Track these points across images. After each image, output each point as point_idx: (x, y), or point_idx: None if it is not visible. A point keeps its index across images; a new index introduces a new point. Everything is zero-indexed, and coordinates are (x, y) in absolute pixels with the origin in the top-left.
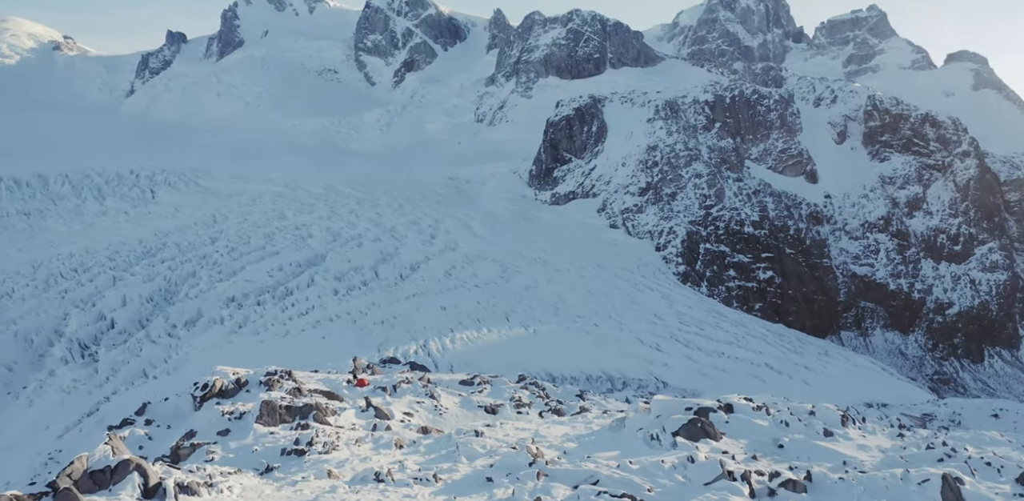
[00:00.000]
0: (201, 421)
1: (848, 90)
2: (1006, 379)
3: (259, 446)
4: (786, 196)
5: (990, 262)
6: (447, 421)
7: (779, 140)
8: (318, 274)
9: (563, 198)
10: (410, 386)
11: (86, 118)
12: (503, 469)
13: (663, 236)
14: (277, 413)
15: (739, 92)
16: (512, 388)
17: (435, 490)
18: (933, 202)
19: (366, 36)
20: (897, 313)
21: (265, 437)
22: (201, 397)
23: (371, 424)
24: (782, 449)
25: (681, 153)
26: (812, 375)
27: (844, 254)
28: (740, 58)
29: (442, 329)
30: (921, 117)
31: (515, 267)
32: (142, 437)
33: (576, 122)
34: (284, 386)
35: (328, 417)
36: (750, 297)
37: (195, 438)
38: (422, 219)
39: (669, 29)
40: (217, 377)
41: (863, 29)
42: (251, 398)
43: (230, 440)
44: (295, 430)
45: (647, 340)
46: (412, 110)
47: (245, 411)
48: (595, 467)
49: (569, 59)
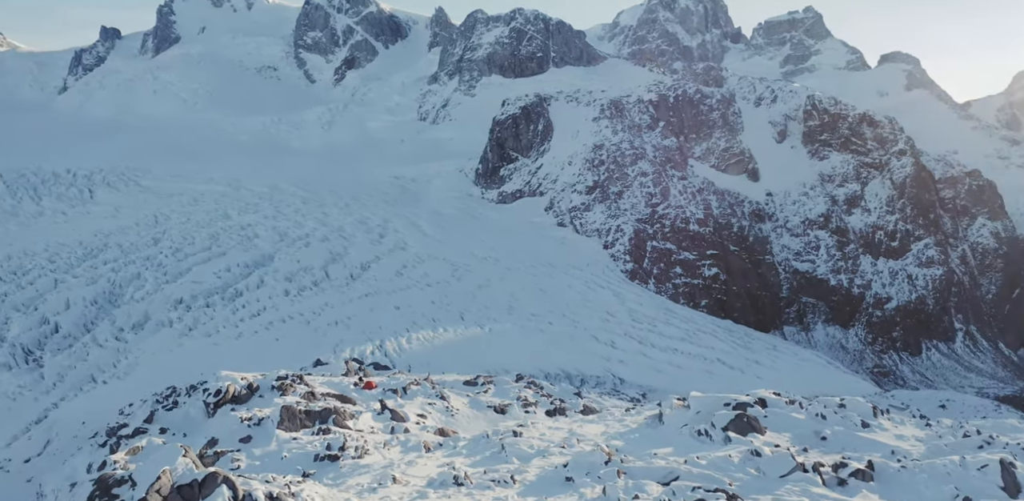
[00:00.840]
0: (219, 428)
1: (788, 90)
2: (943, 371)
3: (287, 452)
4: (729, 194)
5: (926, 258)
6: (459, 422)
7: (721, 139)
8: (267, 275)
9: (510, 197)
10: (419, 388)
11: (17, 116)
12: (580, 468)
13: (611, 234)
14: (297, 418)
15: (682, 92)
16: (515, 387)
17: (519, 491)
18: (871, 199)
19: (306, 33)
20: (838, 308)
21: (288, 443)
22: (215, 403)
23: (389, 427)
24: (825, 441)
25: (627, 152)
26: (763, 369)
27: (786, 251)
28: (680, 58)
29: (397, 329)
30: (859, 116)
31: (466, 266)
32: (159, 446)
33: (522, 121)
34: (297, 390)
35: (347, 421)
36: (696, 294)
37: (217, 446)
38: (370, 218)
39: (610, 29)
40: (229, 383)
41: (799, 30)
42: (265, 403)
43: (253, 447)
44: (317, 435)
45: (602, 337)
46: (354, 108)
47: (263, 417)
48: (666, 464)
49: (512, 58)
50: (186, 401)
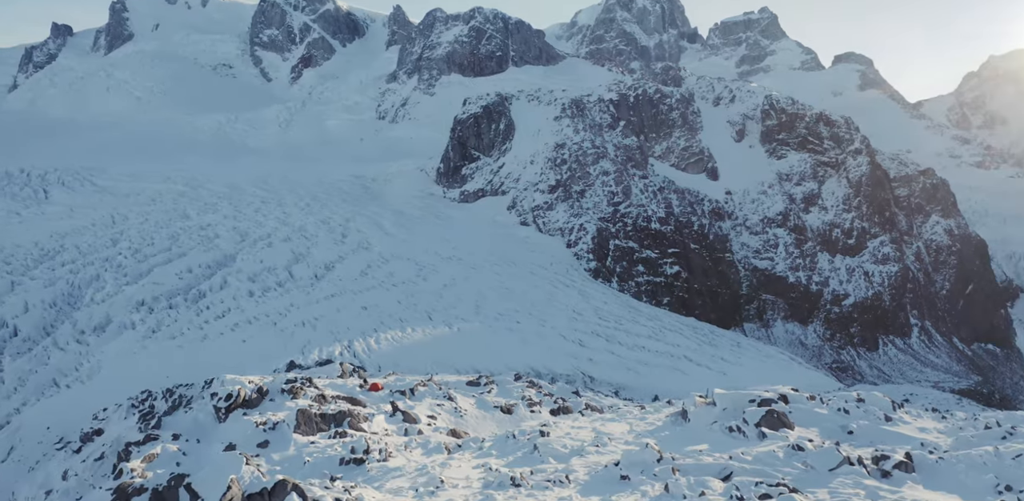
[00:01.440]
0: (233, 433)
1: (746, 90)
2: (899, 366)
3: (308, 457)
4: (689, 193)
5: (882, 255)
6: (468, 423)
7: (681, 138)
8: (230, 275)
9: (472, 196)
10: (427, 389)
11: None
12: (634, 466)
13: (574, 233)
14: (313, 422)
15: (642, 91)
16: (518, 387)
17: (578, 490)
18: (828, 198)
19: (262, 31)
20: (796, 305)
21: (307, 447)
22: (226, 408)
23: (402, 429)
24: (852, 435)
25: (588, 151)
26: (728, 366)
27: (745, 249)
28: (637, 57)
29: (365, 329)
30: (815, 116)
31: (431, 266)
32: (175, 453)
33: (484, 120)
34: (308, 394)
35: (361, 423)
36: (658, 292)
37: (235, 451)
38: (331, 218)
39: (567, 28)
40: (239, 386)
41: (755, 30)
42: (276, 407)
43: (272, 452)
44: (334, 438)
45: (570, 336)
46: (312, 107)
47: (278, 421)
48: (712, 460)
49: (472, 57)
50: (193, 406)
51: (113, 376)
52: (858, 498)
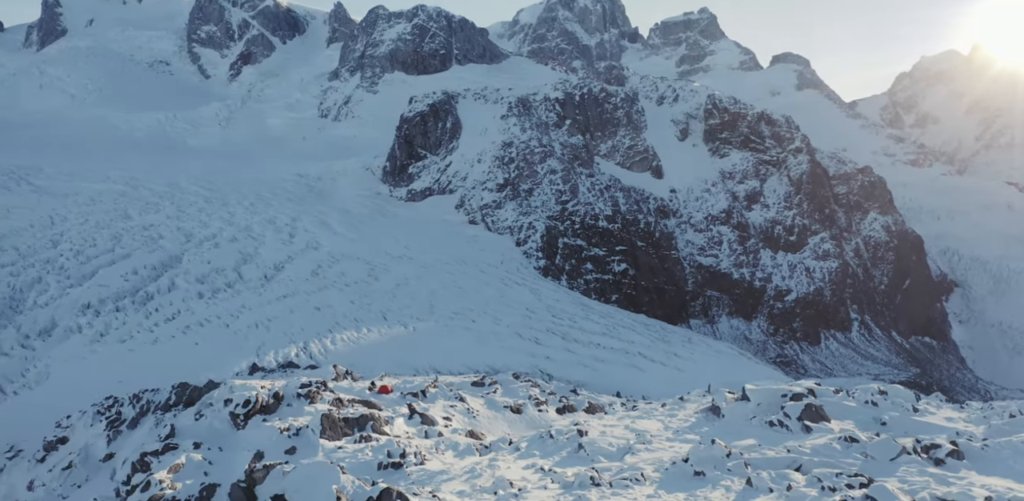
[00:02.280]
0: (257, 440)
1: (689, 89)
2: (841, 359)
3: (342, 462)
4: (635, 191)
5: (822, 251)
6: (482, 424)
7: (626, 137)
8: (178, 277)
9: (419, 194)
10: (437, 390)
11: None
12: (705, 462)
13: (523, 231)
14: (337, 426)
15: (587, 90)
16: (522, 386)
17: (660, 487)
18: (769, 195)
19: (200, 27)
20: (741, 301)
21: (335, 452)
22: (244, 415)
23: (422, 431)
24: (886, 426)
25: (536, 150)
26: (683, 362)
27: (690, 246)
28: (579, 56)
29: (320, 330)
30: (757, 115)
31: (382, 265)
32: (201, 462)
33: (430, 118)
34: (325, 398)
35: (383, 427)
36: (607, 289)
37: (265, 459)
38: (277, 217)
39: (510, 27)
40: (255, 392)
41: (695, 31)
42: (295, 412)
43: (300, 458)
44: (360, 442)
45: (525, 334)
46: (252, 104)
47: (301, 426)
48: (775, 454)
49: (415, 55)
50: (205, 413)
51: (63, 381)
52: (929, 486)
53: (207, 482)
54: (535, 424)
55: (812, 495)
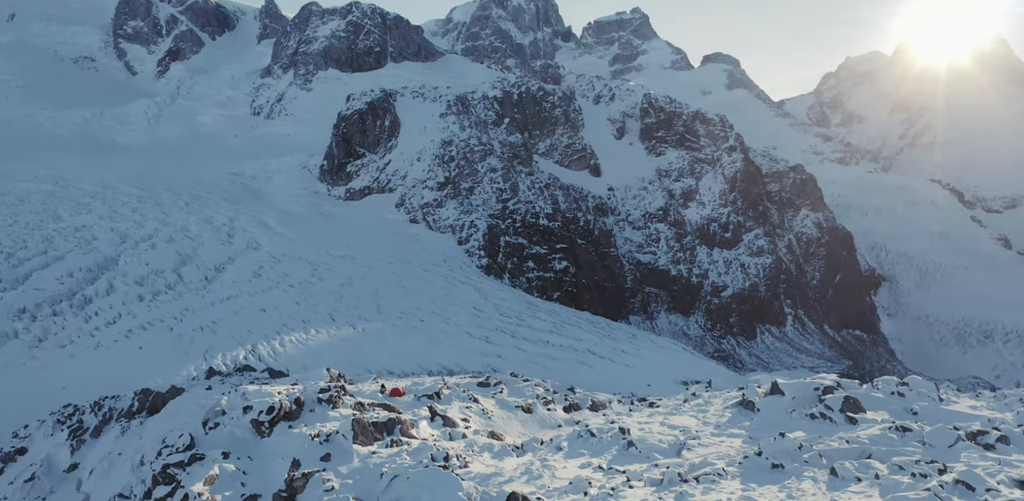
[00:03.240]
0: (287, 448)
1: (625, 89)
2: (776, 353)
3: (385, 467)
4: (574, 189)
5: (757, 247)
6: (497, 424)
7: (564, 136)
8: (116, 279)
9: (358, 193)
10: (451, 392)
11: None
12: (779, 455)
13: (464, 230)
14: (368, 431)
15: (525, 89)
16: (527, 386)
17: (746, 480)
18: (705, 193)
19: (126, 22)
20: (679, 297)
21: (370, 458)
22: (269, 422)
23: (447, 433)
24: (917, 416)
25: (475, 148)
26: (631, 358)
27: (629, 243)
28: (513, 55)
29: (268, 332)
30: (692, 114)
31: (325, 265)
32: (236, 473)
33: (369, 116)
34: (346, 402)
35: (410, 430)
36: (548, 287)
37: (302, 467)
38: (214, 217)
39: (443, 24)
40: (276, 398)
41: (627, 30)
42: (319, 418)
43: (337, 465)
44: (392, 447)
45: (475, 333)
46: (182, 102)
47: (331, 432)
48: (839, 445)
49: (350, 52)
50: (222, 421)
51: (3, 389)
52: (1001, 469)
53: (246, 493)
54: (546, 423)
55: (906, 482)
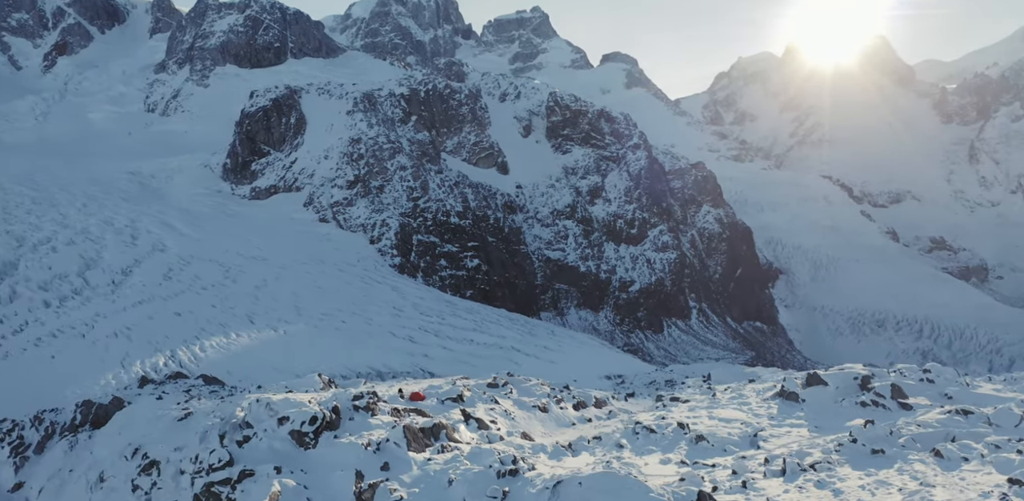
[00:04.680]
0: (337, 458)
1: (530, 87)
2: (683, 346)
3: (453, 474)
4: (482, 187)
5: (661, 243)
6: (521, 424)
7: (471, 133)
8: (18, 284)
9: (264, 192)
10: (471, 394)
11: None
12: (875, 441)
13: (376, 229)
14: (418, 437)
15: (432, 86)
16: (534, 385)
17: (856, 467)
18: (611, 190)
19: (9, 14)
20: (588, 293)
21: (426, 465)
22: (314, 432)
23: (485, 436)
24: (951, 399)
25: (384, 146)
26: (554, 354)
27: (538, 240)
28: (413, 52)
29: (186, 337)
30: (597, 113)
31: (237, 267)
32: (297, 488)
33: (273, 113)
34: (383, 408)
35: (453, 434)
36: (461, 285)
37: (366, 479)
38: (115, 218)
39: (342, 20)
40: (318, 407)
41: (527, 29)
42: (361, 426)
43: (398, 474)
44: (442, 452)
45: (399, 333)
46: (71, 98)
47: (381, 440)
48: (919, 430)
49: (248, 47)
50: (257, 433)
51: None
52: None
53: None
54: (562, 421)
55: (1016, 459)
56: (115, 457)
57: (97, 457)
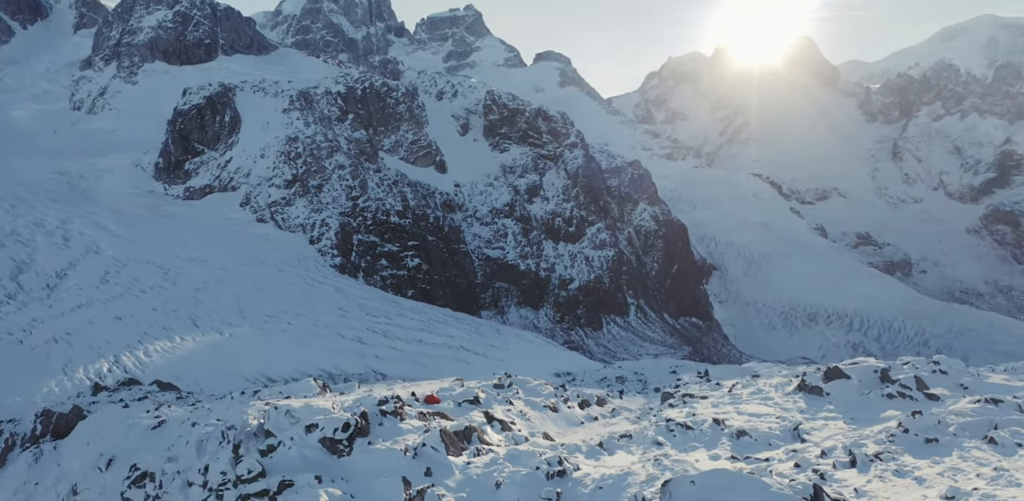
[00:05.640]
0: (375, 465)
1: (467, 85)
2: (622, 342)
3: (499, 477)
4: (421, 186)
5: (599, 241)
6: (536, 424)
7: (409, 132)
8: None
9: (199, 192)
10: (487, 396)
11: None
12: (925, 431)
13: (316, 229)
14: (454, 441)
15: (369, 84)
16: (538, 385)
17: (919, 456)
18: (549, 189)
19: None
20: (528, 291)
21: (468, 469)
22: (347, 439)
23: (511, 438)
24: (968, 390)
25: (322, 144)
26: (502, 353)
27: (478, 239)
28: (345, 49)
29: (129, 341)
30: (534, 111)
31: (176, 268)
32: (344, 497)
33: (208, 111)
34: (410, 413)
35: (484, 436)
36: (402, 285)
37: (413, 485)
38: (45, 220)
39: (272, 17)
40: (347, 414)
41: (461, 27)
42: (391, 432)
43: (443, 479)
44: (479, 456)
45: (347, 334)
46: None
47: (416, 445)
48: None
49: (178, 43)
50: (284, 443)
51: None
52: None
53: None
54: (571, 420)
55: None
56: (88, 469)
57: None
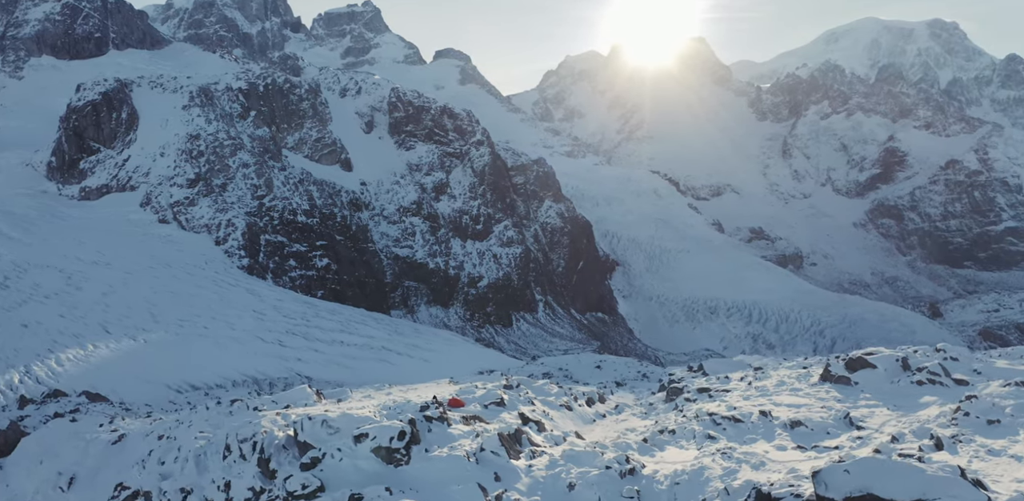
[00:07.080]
0: (445, 473)
1: (371, 82)
2: (532, 338)
3: (570, 478)
4: (327, 184)
5: (507, 238)
6: (559, 424)
7: (313, 129)
8: None
9: (95, 192)
10: (509, 397)
11: None
12: (985, 412)
13: (222, 229)
14: (510, 445)
15: (271, 80)
16: (543, 384)
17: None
18: (456, 186)
19: None
20: (438, 289)
21: (531, 472)
22: (404, 447)
23: (550, 438)
24: (981, 375)
25: (225, 142)
26: (425, 352)
27: (386, 238)
28: (239, 45)
29: (38, 350)
30: (440, 109)
31: (79, 272)
32: None
33: (103, 108)
34: (454, 417)
35: (532, 438)
36: (312, 285)
37: (490, 492)
38: None
39: (163, 10)
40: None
41: (359, 23)
42: (443, 437)
43: (511, 483)
44: (535, 458)
45: (266, 337)
46: None
47: (475, 450)
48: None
49: (67, 37)
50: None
51: None
52: None
53: None
54: (585, 418)
55: None
56: (47, 489)
57: (16, 490)
